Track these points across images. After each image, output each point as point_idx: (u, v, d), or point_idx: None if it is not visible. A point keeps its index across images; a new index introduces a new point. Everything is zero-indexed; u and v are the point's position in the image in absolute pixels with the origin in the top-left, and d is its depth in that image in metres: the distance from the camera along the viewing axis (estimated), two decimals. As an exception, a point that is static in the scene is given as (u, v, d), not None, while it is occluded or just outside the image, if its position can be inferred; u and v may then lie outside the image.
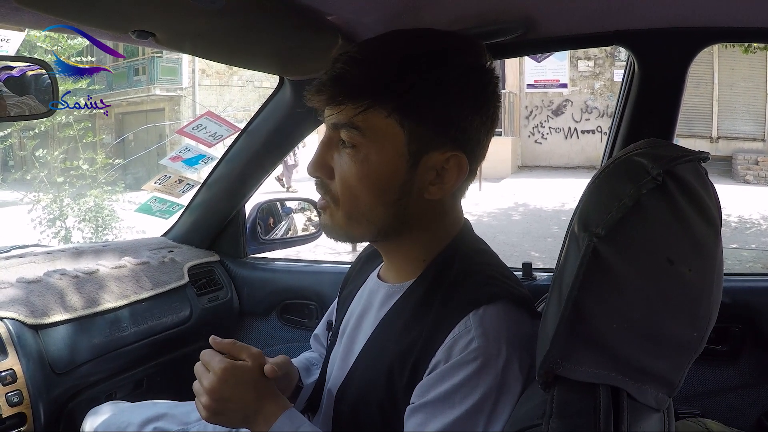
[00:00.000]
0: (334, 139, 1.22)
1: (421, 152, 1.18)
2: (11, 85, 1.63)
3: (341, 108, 1.18)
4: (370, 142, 1.17)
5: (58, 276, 2.09)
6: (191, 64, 20.95)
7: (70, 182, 10.36)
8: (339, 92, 1.17)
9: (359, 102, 1.16)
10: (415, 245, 1.27)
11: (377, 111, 1.15)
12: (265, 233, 2.78)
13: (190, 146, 2.51)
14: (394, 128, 1.16)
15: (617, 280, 0.88)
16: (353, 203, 1.21)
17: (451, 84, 1.17)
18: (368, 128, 1.16)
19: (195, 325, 2.40)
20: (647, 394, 0.92)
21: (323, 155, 1.24)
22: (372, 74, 1.17)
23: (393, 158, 1.18)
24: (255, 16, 1.42)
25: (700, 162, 0.93)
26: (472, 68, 1.21)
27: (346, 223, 1.24)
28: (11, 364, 1.76)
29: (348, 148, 1.19)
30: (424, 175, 1.20)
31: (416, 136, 1.17)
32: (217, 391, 1.22)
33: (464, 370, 1.08)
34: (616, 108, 1.97)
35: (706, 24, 1.71)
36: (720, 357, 2.03)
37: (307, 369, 1.60)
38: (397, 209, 1.22)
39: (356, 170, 1.19)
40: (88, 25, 1.39)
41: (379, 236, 1.26)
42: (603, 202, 0.91)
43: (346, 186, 1.21)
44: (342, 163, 1.21)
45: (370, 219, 1.22)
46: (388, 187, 1.20)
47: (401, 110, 1.16)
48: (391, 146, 1.17)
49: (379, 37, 1.25)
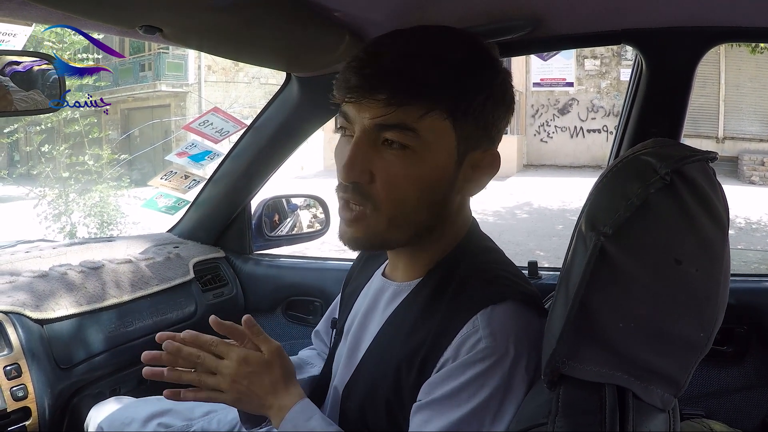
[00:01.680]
0: (376, 139, 1.15)
1: (466, 152, 1.18)
2: (18, 80, 1.64)
3: (394, 109, 1.11)
4: (425, 143, 1.13)
5: (63, 271, 2.09)
6: (197, 60, 20.94)
7: (75, 177, 10.37)
8: (399, 91, 1.11)
9: (420, 104, 1.11)
10: (427, 244, 1.26)
11: (437, 113, 1.12)
12: (270, 230, 2.78)
13: (196, 142, 2.50)
14: (448, 130, 1.14)
15: (624, 279, 0.88)
16: (398, 206, 1.17)
17: (496, 87, 1.19)
18: (424, 129, 1.12)
19: (200, 321, 2.39)
20: (653, 394, 0.92)
21: (365, 157, 1.15)
22: (433, 76, 1.13)
23: (445, 159, 1.17)
24: (262, 11, 1.42)
25: (708, 162, 0.93)
26: (507, 71, 1.22)
27: (387, 228, 1.19)
28: (16, 358, 1.76)
29: (396, 149, 1.14)
30: (465, 173, 1.20)
31: (464, 137, 1.16)
32: (241, 375, 1.24)
33: (472, 369, 1.08)
34: (624, 107, 1.97)
35: (714, 23, 1.70)
36: (725, 358, 2.03)
37: (300, 366, 1.59)
38: (439, 210, 1.21)
39: (406, 172, 1.15)
40: (96, 20, 1.39)
41: (413, 239, 1.23)
42: (611, 201, 0.91)
43: (392, 188, 1.16)
44: (388, 165, 1.15)
45: (412, 222, 1.19)
46: (437, 188, 1.18)
47: (456, 113, 1.14)
48: (444, 148, 1.16)
49: (417, 36, 1.19)
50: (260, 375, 1.25)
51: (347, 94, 1.15)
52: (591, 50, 18.37)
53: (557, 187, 13.31)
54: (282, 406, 1.24)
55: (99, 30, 1.48)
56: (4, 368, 1.73)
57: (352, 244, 1.23)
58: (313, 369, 1.59)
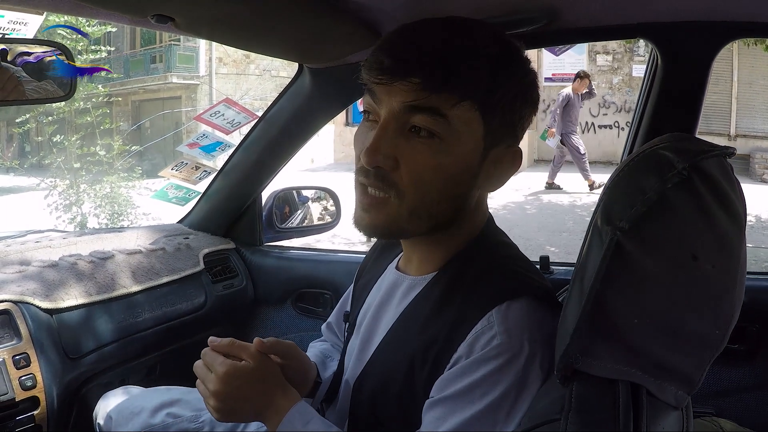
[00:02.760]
0: (404, 124, 1.14)
1: (491, 146, 1.18)
2: (29, 70, 1.64)
3: (428, 94, 1.10)
4: (453, 133, 1.12)
5: (73, 260, 2.09)
6: (208, 52, 20.99)
7: (86, 168, 10.43)
8: (435, 76, 1.09)
9: (455, 92, 1.10)
10: (444, 238, 1.25)
11: (468, 104, 1.12)
12: (281, 222, 2.77)
13: (207, 133, 2.50)
14: (477, 122, 1.14)
15: (640, 274, 0.87)
16: (421, 196, 1.15)
17: (525, 85, 1.19)
18: (455, 118, 1.11)
19: (209, 312, 2.40)
20: (667, 392, 0.91)
21: (391, 143, 1.14)
22: (469, 66, 1.12)
23: (471, 151, 1.16)
24: (275, 1, 1.41)
25: (726, 157, 0.92)
26: (534, 71, 1.22)
27: (408, 217, 1.17)
28: (25, 347, 1.77)
29: (424, 137, 1.13)
30: (488, 168, 1.20)
31: (491, 131, 1.16)
32: (222, 393, 1.22)
33: (486, 366, 1.07)
34: (638, 102, 1.95)
35: (731, 18, 1.69)
36: (736, 356, 2.01)
37: (323, 363, 1.59)
38: (460, 203, 1.20)
39: (433, 161, 1.13)
40: (108, 8, 1.38)
41: (431, 231, 1.21)
42: (627, 195, 0.90)
43: (417, 177, 1.14)
44: (414, 152, 1.13)
45: (432, 213, 1.18)
46: (460, 180, 1.17)
47: (486, 106, 1.14)
48: (471, 139, 1.15)
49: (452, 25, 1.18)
50: (251, 384, 1.24)
51: (379, 75, 1.12)
52: (603, 46, 18.29)
53: (568, 183, 13.25)
54: (279, 409, 1.23)
55: (110, 19, 1.48)
56: (13, 357, 1.73)
57: (368, 231, 1.21)
58: (333, 363, 1.59)
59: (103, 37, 10.59)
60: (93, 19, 8.83)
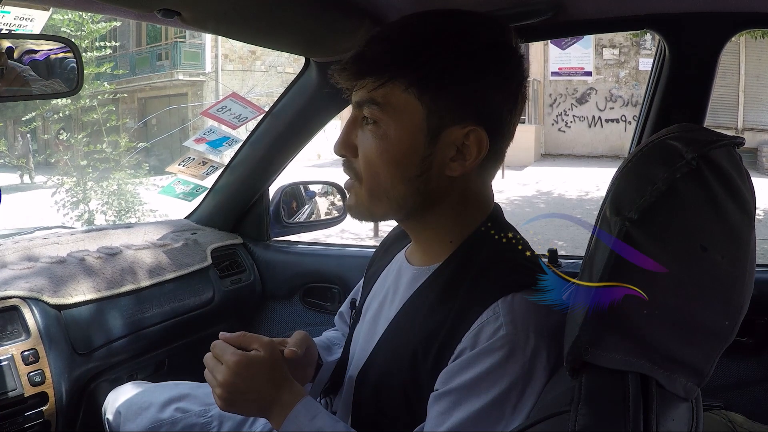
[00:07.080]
0: (358, 117, 1.24)
1: (440, 127, 1.17)
2: (36, 68, 1.63)
3: (363, 84, 1.20)
4: (390, 117, 1.18)
5: (81, 256, 2.09)
6: (214, 49, 21.02)
7: (93, 165, 10.45)
8: (360, 68, 1.19)
9: (378, 77, 1.17)
10: (442, 226, 1.26)
11: (395, 85, 1.16)
12: (288, 216, 2.78)
13: (214, 128, 2.50)
14: (412, 103, 1.17)
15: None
16: (375, 180, 1.22)
17: (468, 58, 1.17)
18: (387, 103, 1.18)
19: (217, 308, 2.40)
20: (676, 383, 0.90)
21: (348, 134, 1.25)
22: (390, 49, 1.19)
23: (412, 133, 1.18)
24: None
25: (735, 147, 0.91)
26: (492, 44, 1.20)
27: (369, 200, 1.25)
28: (34, 343, 1.77)
29: (370, 124, 1.21)
30: (445, 150, 1.19)
31: (435, 110, 1.16)
32: (231, 384, 1.21)
33: (491, 358, 1.07)
34: (646, 94, 1.95)
35: (738, 9, 1.68)
36: (744, 349, 2.00)
37: (328, 348, 1.59)
38: (418, 185, 1.21)
39: (376, 146, 1.20)
40: (114, 3, 1.38)
41: (401, 214, 1.26)
42: (636, 185, 0.89)
43: (367, 162, 1.22)
44: (364, 139, 1.22)
45: (390, 196, 1.22)
46: (408, 163, 1.19)
47: (419, 84, 1.16)
48: (410, 121, 1.17)
49: (402, 18, 1.27)
50: (260, 375, 1.23)
51: (337, 76, 1.24)
52: (609, 39, 18.26)
53: (575, 177, 13.25)
54: (284, 405, 1.22)
55: (116, 14, 1.48)
56: (21, 353, 1.74)
57: (349, 212, 1.33)
58: (339, 349, 1.59)
59: (108, 33, 10.61)
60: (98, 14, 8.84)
